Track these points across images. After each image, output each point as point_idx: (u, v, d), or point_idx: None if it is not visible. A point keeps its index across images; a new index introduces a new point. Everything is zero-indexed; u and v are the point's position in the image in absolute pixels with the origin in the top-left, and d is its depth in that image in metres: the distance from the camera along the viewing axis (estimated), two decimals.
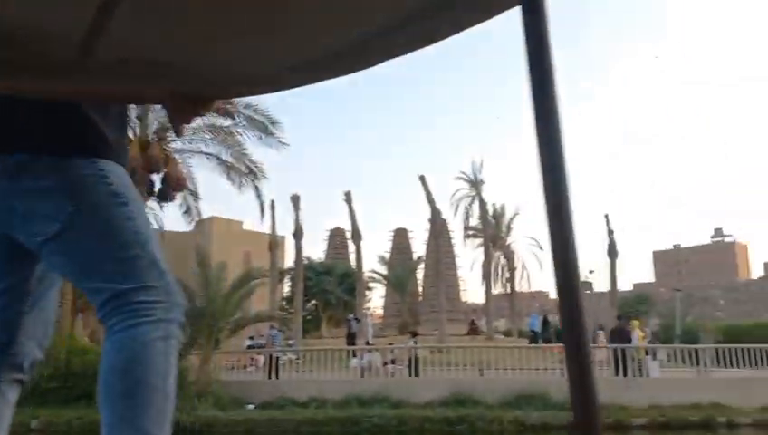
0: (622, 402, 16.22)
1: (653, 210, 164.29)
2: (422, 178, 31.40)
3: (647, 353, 17.40)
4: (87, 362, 19.31)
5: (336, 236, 60.74)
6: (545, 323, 31.77)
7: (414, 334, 26.25)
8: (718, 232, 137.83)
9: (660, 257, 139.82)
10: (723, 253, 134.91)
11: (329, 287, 43.04)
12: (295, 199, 32.01)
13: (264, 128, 21.24)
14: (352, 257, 54.67)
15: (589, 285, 68.18)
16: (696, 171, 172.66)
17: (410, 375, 19.35)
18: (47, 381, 18.56)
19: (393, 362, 21.74)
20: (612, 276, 35.88)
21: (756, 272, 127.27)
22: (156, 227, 38.71)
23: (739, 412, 15.76)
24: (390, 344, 24.24)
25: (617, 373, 17.45)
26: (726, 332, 38.37)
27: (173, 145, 21.84)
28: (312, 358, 21.55)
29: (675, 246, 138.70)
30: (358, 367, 21.46)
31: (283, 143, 21.46)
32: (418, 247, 56.55)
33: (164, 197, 21.44)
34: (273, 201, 38.23)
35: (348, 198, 38.52)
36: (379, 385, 17.95)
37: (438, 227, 30.56)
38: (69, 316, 21.34)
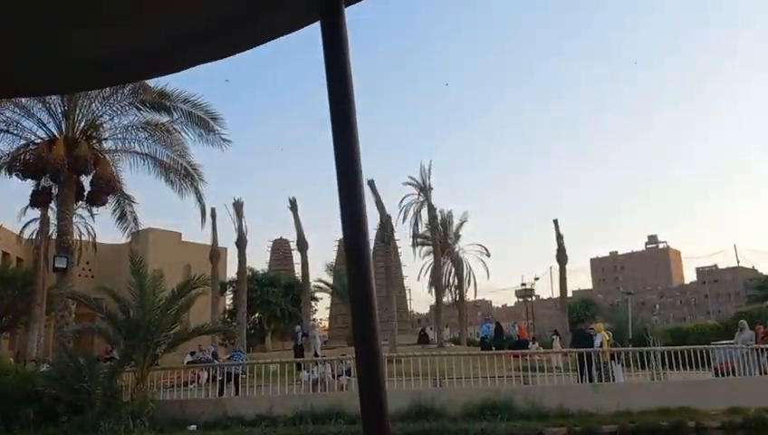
0: (589, 409, 15.57)
1: (588, 218, 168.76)
2: (371, 183, 30.36)
3: (612, 358, 16.82)
4: (8, 385, 17.33)
5: (279, 248, 59.04)
6: (498, 330, 31.22)
7: None
8: (652, 239, 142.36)
9: (598, 264, 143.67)
10: (657, 259, 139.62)
11: (273, 299, 41.37)
12: (238, 206, 30.42)
13: (205, 124, 19.76)
14: (297, 268, 53.36)
15: (530, 292, 68.81)
16: (628, 178, 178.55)
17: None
18: None
19: (348, 373, 20.59)
20: (562, 281, 35.76)
21: (689, 277, 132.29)
22: (86, 236, 36.40)
23: (705, 416, 15.33)
24: (343, 356, 22.97)
25: (581, 379, 16.82)
26: (672, 335, 39.05)
27: (103, 145, 20.08)
28: (258, 372, 20.12)
29: (611, 253, 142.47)
30: (308, 380, 20.22)
31: (226, 140, 20.07)
32: None
33: (94, 201, 19.63)
34: (213, 209, 36.47)
35: (293, 205, 37.15)
36: (332, 399, 16.70)
37: (389, 233, 29.57)
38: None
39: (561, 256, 35.43)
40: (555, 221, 35.63)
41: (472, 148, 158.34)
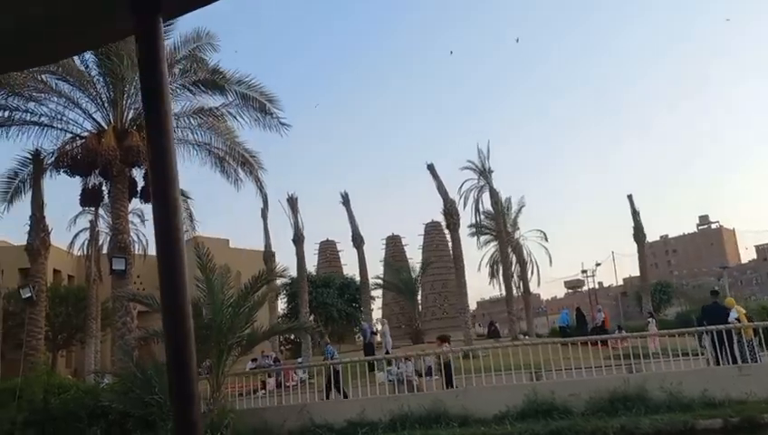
0: (737, 396, 13.16)
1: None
2: (431, 167, 28.32)
3: (755, 334, 14.34)
4: (69, 402, 15.76)
5: (326, 249, 57.33)
6: (580, 317, 28.75)
7: (444, 340, 23.05)
8: (704, 219, 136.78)
9: (648, 249, 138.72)
10: (711, 239, 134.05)
11: (329, 300, 39.53)
12: (292, 202, 28.61)
13: (262, 107, 17.94)
14: (345, 269, 51.54)
15: (581, 283, 65.62)
16: (678, 157, 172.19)
17: (446, 386, 16.15)
18: (22, 429, 14.92)
19: (430, 372, 18.56)
20: (642, 263, 33.11)
21: (747, 256, 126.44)
22: (140, 250, 34.94)
23: None
24: (422, 353, 20.85)
25: (719, 361, 14.38)
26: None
27: None
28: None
29: (662, 237, 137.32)
30: (386, 381, 18.24)
31: (285, 124, 18.21)
32: (411, 254, 53.51)
33: (149, 196, 17.91)
34: (263, 209, 34.96)
35: (345, 199, 35.31)
36: (429, 400, 14.61)
37: (455, 220, 27.39)
38: (44, 351, 17.68)
39: (639, 235, 32.82)
40: (630, 197, 33.03)
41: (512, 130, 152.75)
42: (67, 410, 15.22)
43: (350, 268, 54.20)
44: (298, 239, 28.13)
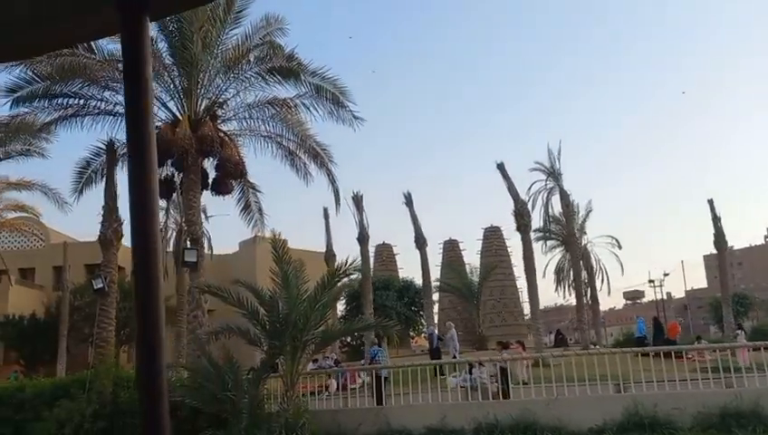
0: None
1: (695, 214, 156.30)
2: (501, 166, 27.21)
3: None
4: (133, 397, 15.41)
5: (383, 252, 56.67)
6: (658, 326, 27.11)
7: (505, 346, 21.91)
8: None
9: (712, 261, 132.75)
10: None
11: (389, 303, 38.76)
12: (357, 200, 27.99)
13: (336, 99, 17.32)
14: (401, 273, 50.73)
15: (640, 294, 62.74)
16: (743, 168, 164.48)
17: (503, 397, 15.11)
18: (92, 421, 14.63)
19: (503, 376, 17.53)
20: (722, 271, 31.09)
21: None
22: (207, 250, 34.94)
23: None
24: (493, 359, 19.81)
25: None
26: None
27: (226, 126, 18.05)
28: (395, 378, 17.47)
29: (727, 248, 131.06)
30: (457, 386, 17.33)
31: (358, 118, 17.51)
32: (467, 259, 52.25)
33: (220, 188, 17.60)
34: (326, 209, 34.51)
35: (408, 200, 34.55)
36: (516, 408, 13.57)
37: (526, 221, 26.20)
38: (113, 344, 17.49)
39: (720, 242, 30.86)
40: (710, 202, 31.11)
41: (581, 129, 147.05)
42: (136, 404, 14.87)
43: (405, 272, 53.41)
44: (363, 238, 27.49)
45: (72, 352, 35.05)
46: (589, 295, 38.81)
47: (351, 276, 13.70)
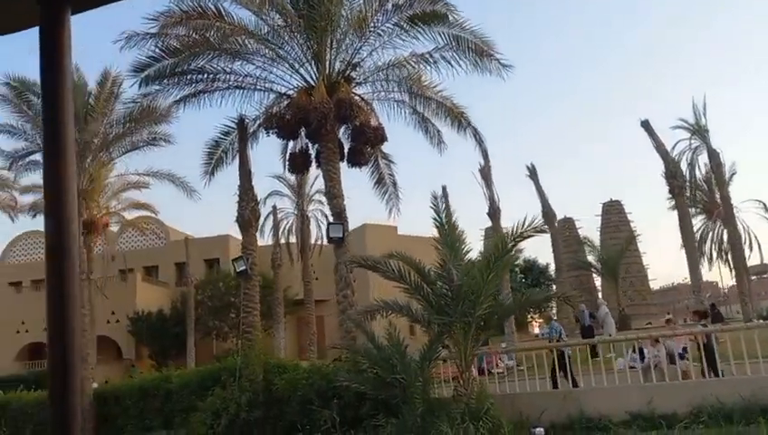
0: None
1: None
2: (646, 124, 24.43)
3: None
4: (289, 384, 14.36)
5: (493, 235, 54.45)
6: None
7: (703, 315, 19.41)
8: None
9: None
10: None
11: (513, 285, 36.50)
12: (485, 172, 25.98)
13: (479, 49, 15.47)
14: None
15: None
16: None
17: (708, 375, 12.72)
18: (248, 410, 13.66)
19: (684, 354, 15.10)
20: None
21: None
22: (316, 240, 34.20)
23: None
24: (672, 332, 17.30)
25: None
26: None
27: (358, 90, 16.65)
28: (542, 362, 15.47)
29: None
30: (625, 367, 15.16)
31: (506, 66, 15.59)
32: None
33: (357, 158, 16.22)
34: (444, 187, 32.75)
35: (532, 172, 32.23)
36: (751, 389, 11.18)
37: (680, 183, 23.30)
38: (260, 329, 16.61)
39: None
40: None
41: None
42: (293, 391, 13.78)
43: (525, 252, 50.84)
44: (494, 213, 25.55)
45: (197, 345, 35.46)
46: (732, 267, 34.96)
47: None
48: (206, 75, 16.15)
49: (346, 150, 16.35)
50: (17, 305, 41.12)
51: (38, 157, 23.21)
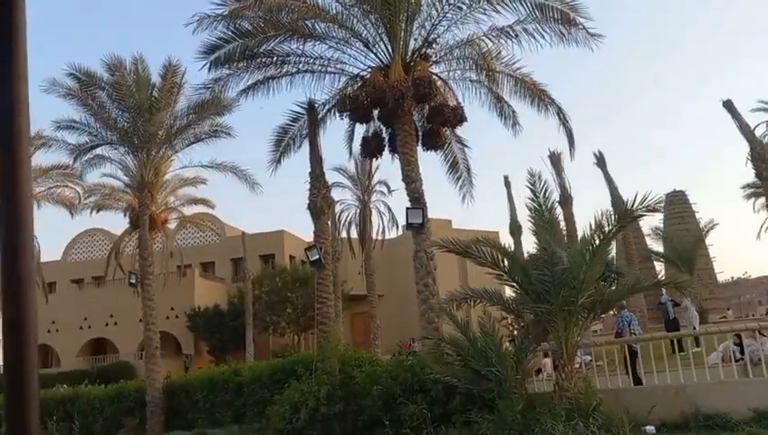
0: None
1: None
2: (728, 105, 22.87)
3: None
4: (369, 378, 13.67)
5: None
6: None
7: None
8: None
9: None
10: None
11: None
12: (555, 158, 24.85)
13: (566, 18, 14.46)
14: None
15: None
16: None
17: None
18: (328, 405, 13.03)
19: None
20: None
21: None
22: (377, 236, 33.41)
23: None
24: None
25: None
26: None
27: (433, 69, 15.81)
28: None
29: None
30: (718, 362, 13.93)
31: (596, 35, 14.52)
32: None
33: (434, 140, 15.42)
34: (506, 177, 31.77)
35: (600, 160, 30.82)
36: None
37: None
38: (335, 320, 16.01)
39: None
40: None
41: None
42: (373, 385, 13.08)
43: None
44: (565, 200, 24.38)
45: (255, 340, 35.33)
46: None
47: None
48: (275, 58, 15.59)
49: (420, 133, 15.56)
50: (79, 302, 41.87)
51: (102, 151, 23.20)
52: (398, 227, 34.81)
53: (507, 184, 30.77)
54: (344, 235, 33.21)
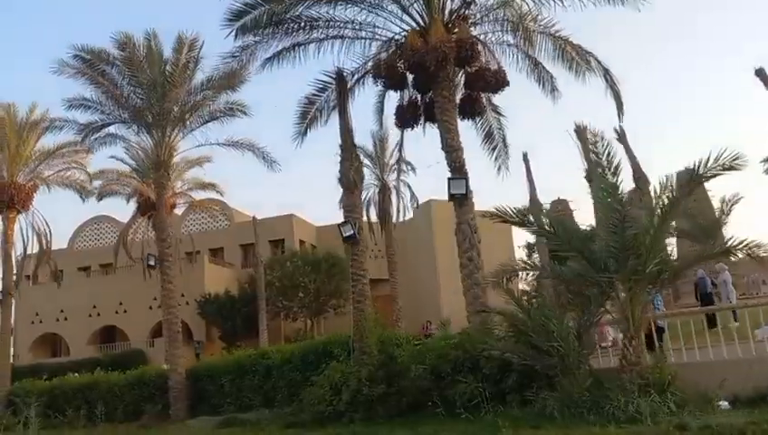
0: None
1: None
2: (761, 73, 22.17)
3: None
4: (412, 357, 13.01)
5: (556, 207, 52.14)
6: None
7: None
8: None
9: None
10: None
11: None
12: (581, 131, 23.99)
13: None
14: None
15: None
16: None
17: None
18: (370, 386, 12.35)
19: None
20: None
21: None
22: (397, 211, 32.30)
23: None
24: None
25: None
26: None
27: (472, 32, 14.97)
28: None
29: None
30: (764, 338, 13.24)
31: None
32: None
33: (473, 107, 14.65)
34: (525, 154, 30.89)
35: (620, 135, 29.95)
36: None
37: None
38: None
39: None
40: None
41: None
42: (418, 363, 12.42)
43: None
44: (590, 176, 23.55)
45: (267, 325, 34.69)
46: None
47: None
48: (303, 23, 14.77)
49: (459, 99, 14.78)
50: (88, 290, 41.17)
51: (113, 129, 22.39)
52: (417, 206, 34.00)
53: (526, 160, 29.88)
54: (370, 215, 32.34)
